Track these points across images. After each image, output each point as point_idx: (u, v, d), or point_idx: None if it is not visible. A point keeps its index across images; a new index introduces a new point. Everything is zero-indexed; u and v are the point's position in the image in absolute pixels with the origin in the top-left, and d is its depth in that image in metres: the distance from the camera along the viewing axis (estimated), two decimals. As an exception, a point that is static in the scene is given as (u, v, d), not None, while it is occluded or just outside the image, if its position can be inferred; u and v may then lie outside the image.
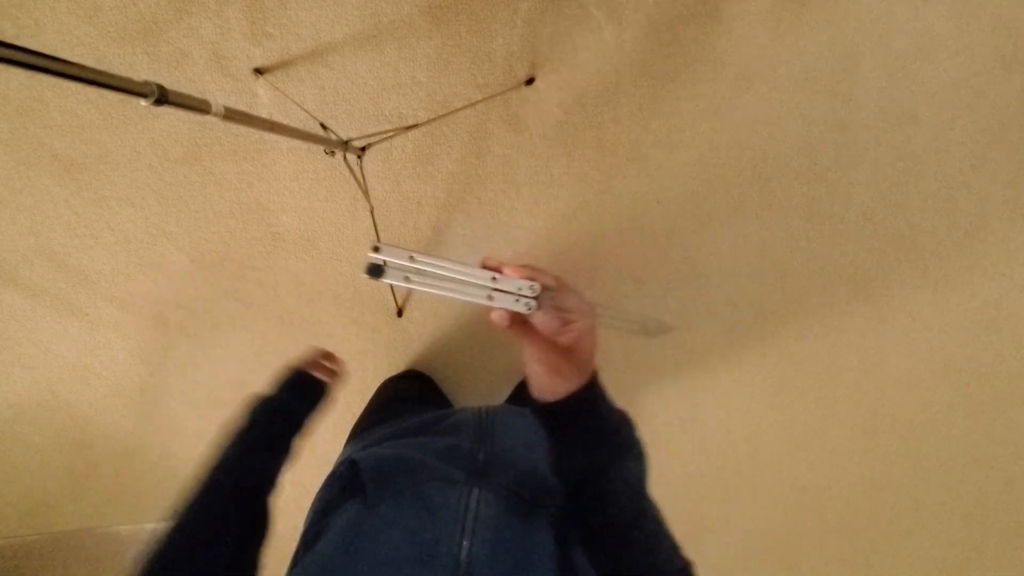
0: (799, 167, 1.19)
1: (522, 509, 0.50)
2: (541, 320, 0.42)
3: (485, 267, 0.42)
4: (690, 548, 0.49)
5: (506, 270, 0.41)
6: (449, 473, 0.54)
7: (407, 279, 0.40)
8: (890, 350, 1.38)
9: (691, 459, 1.48)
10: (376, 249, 0.40)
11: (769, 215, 1.22)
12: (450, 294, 0.41)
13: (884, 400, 1.43)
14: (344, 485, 0.54)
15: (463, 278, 0.41)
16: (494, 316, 0.41)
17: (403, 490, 0.50)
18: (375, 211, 1.11)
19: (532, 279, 0.41)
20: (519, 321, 0.42)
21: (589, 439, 0.45)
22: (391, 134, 1.03)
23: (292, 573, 0.43)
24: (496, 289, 0.41)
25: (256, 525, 0.55)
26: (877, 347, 1.37)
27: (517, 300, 0.41)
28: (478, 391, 1.35)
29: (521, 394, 1.15)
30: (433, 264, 0.40)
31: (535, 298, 0.41)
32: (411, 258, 0.40)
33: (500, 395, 1.34)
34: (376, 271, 0.40)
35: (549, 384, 0.44)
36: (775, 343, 1.35)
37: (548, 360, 0.43)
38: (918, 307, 1.33)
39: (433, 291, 0.40)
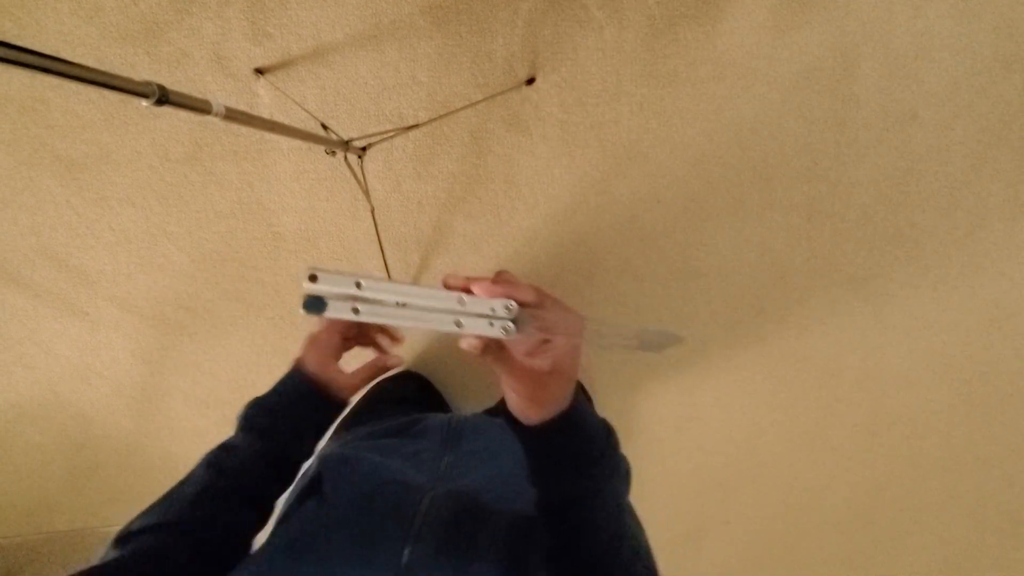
0: (800, 166, 1.19)
1: (478, 513, 0.50)
2: (518, 343, 0.36)
3: (448, 287, 0.36)
4: (689, 548, 0.49)
5: (475, 288, 0.35)
6: (410, 477, 0.54)
7: (355, 311, 0.33)
8: (890, 349, 1.37)
9: (690, 459, 1.48)
10: (313, 278, 0.33)
11: (769, 214, 1.22)
12: (409, 323, 0.34)
13: (884, 399, 1.43)
14: (308, 483, 0.54)
15: (424, 302, 0.35)
16: (464, 344, 0.36)
17: (360, 492, 0.50)
18: (376, 211, 1.11)
19: (508, 296, 0.35)
20: (493, 346, 0.37)
21: (572, 465, 0.42)
22: (392, 134, 1.04)
23: (239, 571, 0.42)
24: (465, 313, 0.35)
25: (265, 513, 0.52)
26: (877, 347, 1.37)
27: (491, 324, 0.35)
28: (476, 391, 1.35)
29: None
30: (386, 290, 0.34)
31: (513, 320, 0.35)
32: (358, 285, 0.33)
33: (498, 395, 1.34)
34: (316, 305, 0.33)
35: (527, 411, 0.40)
36: (775, 342, 1.35)
37: (525, 389, 0.38)
38: (919, 306, 1.33)
39: (388, 322, 0.34)
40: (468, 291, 0.35)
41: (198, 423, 1.35)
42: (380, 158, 1.12)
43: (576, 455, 0.41)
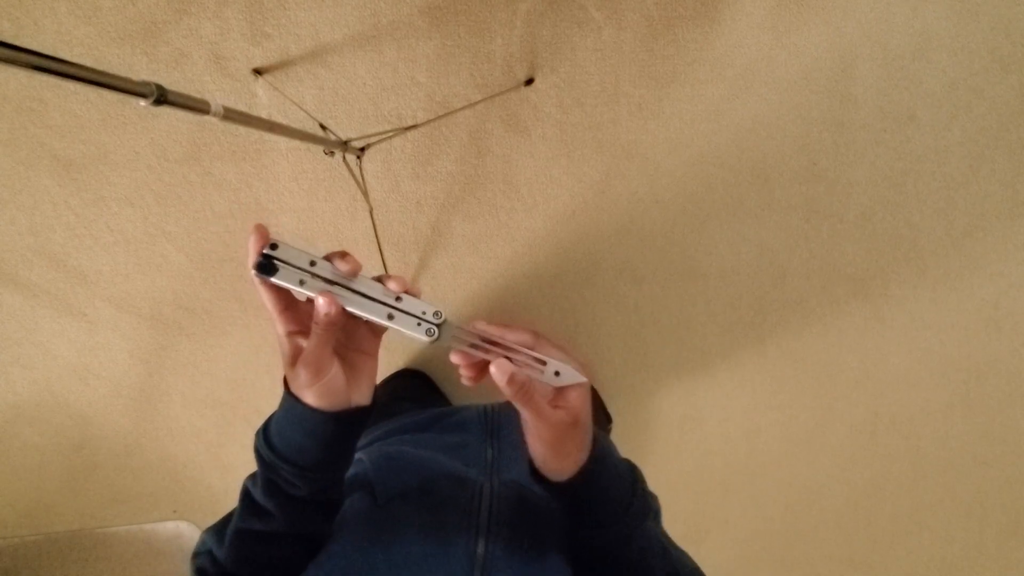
0: (798, 167, 1.19)
1: (537, 504, 0.50)
2: (542, 390, 0.38)
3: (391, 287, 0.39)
4: (689, 548, 0.49)
5: (484, 326, 0.39)
6: (459, 470, 0.54)
7: (301, 283, 0.38)
8: (889, 349, 1.38)
9: (689, 459, 1.48)
10: (273, 246, 0.38)
11: (768, 215, 1.23)
12: (351, 307, 0.38)
13: (883, 399, 1.43)
14: (351, 481, 0.54)
15: (366, 291, 0.39)
16: (494, 371, 0.38)
17: (413, 487, 0.50)
18: (374, 212, 1.11)
19: (501, 335, 0.39)
20: (525, 388, 0.38)
21: (604, 514, 0.43)
22: (390, 134, 1.03)
23: (308, 573, 0.43)
24: (398, 309, 0.39)
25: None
26: (876, 346, 1.37)
27: (419, 324, 0.39)
28: (478, 390, 1.34)
29: None
30: (333, 274, 0.38)
31: (438, 325, 0.39)
32: (312, 263, 0.38)
33: (500, 394, 1.34)
34: (267, 268, 0.37)
35: (552, 463, 0.41)
36: (774, 342, 1.36)
37: (550, 438, 0.40)
38: (917, 306, 1.33)
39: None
40: (405, 294, 0.39)
41: (197, 423, 1.34)
42: (379, 159, 1.12)
43: (606, 503, 0.43)
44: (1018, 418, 1.46)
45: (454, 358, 0.40)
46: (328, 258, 0.39)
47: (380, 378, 1.12)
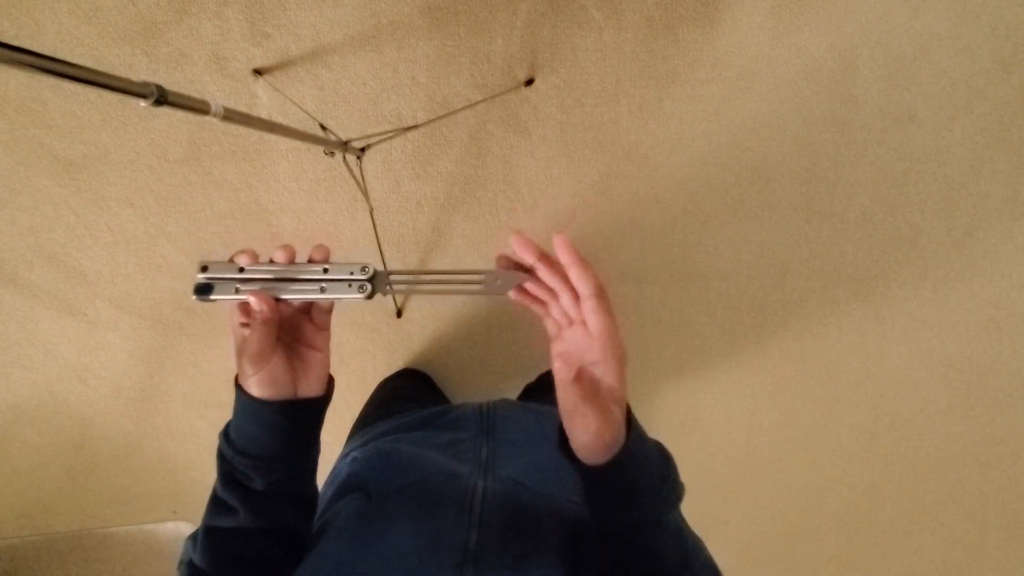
0: (798, 167, 1.19)
1: (530, 500, 0.50)
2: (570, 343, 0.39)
3: (516, 247, 0.40)
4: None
5: (542, 264, 0.41)
6: (453, 467, 0.54)
7: (237, 291, 0.40)
8: (890, 350, 1.37)
9: (690, 459, 1.48)
10: (204, 268, 0.41)
11: (768, 215, 1.23)
12: (283, 295, 0.40)
13: (884, 400, 1.43)
14: (347, 481, 0.54)
15: (295, 275, 0.41)
16: (555, 360, 0.39)
17: (407, 484, 0.50)
18: (374, 212, 1.11)
19: (579, 274, 0.39)
20: (586, 378, 0.39)
21: (636, 497, 0.42)
22: (391, 135, 1.03)
23: (300, 570, 0.43)
24: (327, 280, 0.41)
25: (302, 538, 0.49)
26: (877, 347, 1.37)
27: (350, 285, 0.40)
28: (478, 390, 1.35)
29: (532, 397, 1.14)
30: (264, 270, 0.41)
31: (369, 279, 0.40)
32: (240, 269, 0.41)
33: (501, 394, 1.34)
34: (204, 290, 0.41)
35: (595, 447, 0.40)
36: (774, 343, 1.35)
37: (595, 418, 0.39)
38: (918, 307, 1.33)
39: (264, 293, 0.40)
40: (521, 268, 0.42)
41: (196, 424, 1.34)
42: (379, 159, 1.12)
43: (640, 487, 0.42)
44: (1019, 419, 1.46)
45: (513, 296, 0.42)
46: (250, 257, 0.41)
47: (380, 378, 1.13)
